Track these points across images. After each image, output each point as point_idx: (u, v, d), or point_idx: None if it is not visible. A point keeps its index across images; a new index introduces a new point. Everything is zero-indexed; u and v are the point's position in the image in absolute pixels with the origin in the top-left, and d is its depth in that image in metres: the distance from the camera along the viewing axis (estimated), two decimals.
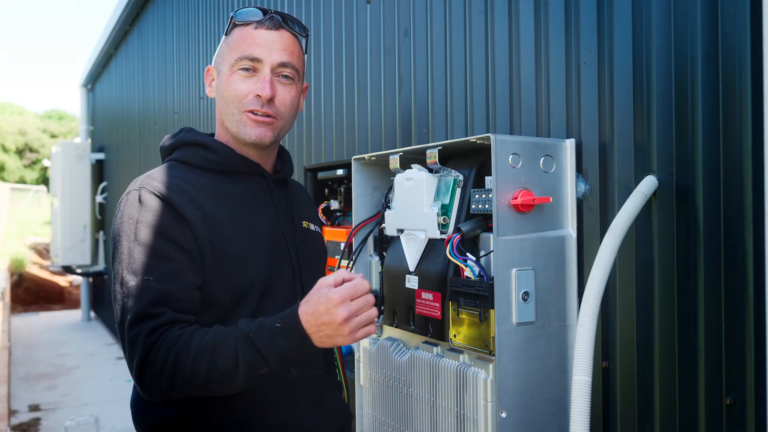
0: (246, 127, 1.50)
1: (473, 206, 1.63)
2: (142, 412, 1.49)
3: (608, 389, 1.60)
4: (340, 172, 2.69)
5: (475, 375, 1.57)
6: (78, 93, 11.41)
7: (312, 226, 1.69)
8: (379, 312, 1.97)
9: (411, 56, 2.34)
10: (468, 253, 1.61)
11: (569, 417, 1.39)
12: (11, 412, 5.51)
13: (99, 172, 10.17)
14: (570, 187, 1.62)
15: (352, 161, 2.06)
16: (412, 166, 1.80)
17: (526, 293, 1.53)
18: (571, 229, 1.62)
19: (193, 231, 1.40)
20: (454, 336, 1.64)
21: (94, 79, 10.77)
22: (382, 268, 1.95)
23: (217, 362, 1.27)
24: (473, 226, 1.63)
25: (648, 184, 1.46)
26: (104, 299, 9.65)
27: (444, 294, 1.67)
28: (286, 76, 1.52)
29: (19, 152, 38.65)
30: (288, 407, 1.50)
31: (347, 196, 2.68)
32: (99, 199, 9.78)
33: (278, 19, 1.52)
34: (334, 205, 2.78)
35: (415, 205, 1.75)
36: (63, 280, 13.99)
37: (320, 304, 1.26)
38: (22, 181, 37.34)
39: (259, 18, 1.51)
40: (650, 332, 1.49)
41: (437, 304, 1.69)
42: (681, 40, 1.42)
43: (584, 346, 1.32)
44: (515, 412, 1.52)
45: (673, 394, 1.45)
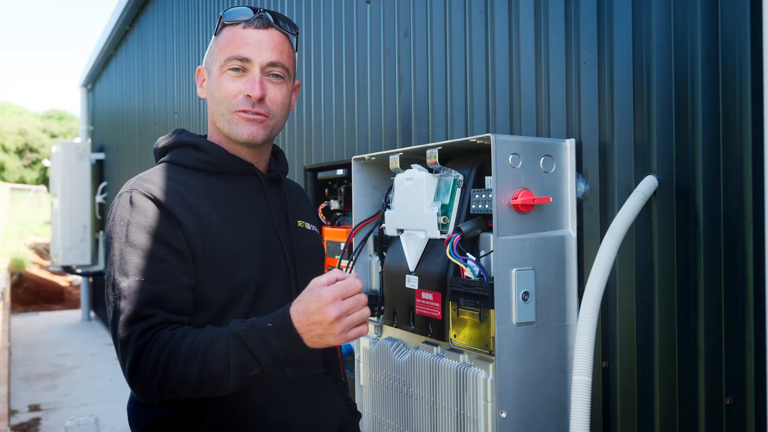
0: (238, 126, 1.49)
1: (473, 206, 1.63)
2: (138, 413, 1.49)
3: (608, 389, 1.60)
4: (340, 172, 2.69)
5: (475, 375, 1.57)
6: (78, 93, 11.40)
7: (308, 225, 1.68)
8: (378, 312, 1.98)
9: (411, 56, 2.34)
10: (468, 253, 1.61)
11: (569, 417, 1.39)
12: (11, 412, 5.51)
13: (99, 172, 10.17)
14: (570, 187, 1.62)
15: (352, 161, 2.06)
16: (412, 166, 1.80)
17: (526, 293, 1.53)
18: (571, 229, 1.62)
19: (184, 231, 1.40)
20: (454, 336, 1.64)
21: (94, 79, 10.77)
22: (382, 268, 1.95)
23: (209, 363, 1.26)
24: (473, 226, 1.63)
25: (648, 184, 1.46)
26: (104, 299, 9.63)
27: (444, 294, 1.67)
28: (276, 75, 1.51)
29: (19, 152, 38.65)
30: (284, 407, 1.49)
31: (347, 196, 2.68)
32: (99, 199, 9.79)
33: (267, 18, 1.52)
34: (334, 205, 2.79)
35: (415, 205, 1.75)
36: (63, 280, 14.00)
37: (311, 303, 1.25)
38: (22, 181, 37.34)
39: (248, 17, 1.51)
40: (650, 332, 1.49)
41: (437, 304, 1.69)
42: (681, 40, 1.42)
43: (584, 346, 1.32)
44: (515, 412, 1.51)
45: (673, 394, 1.45)
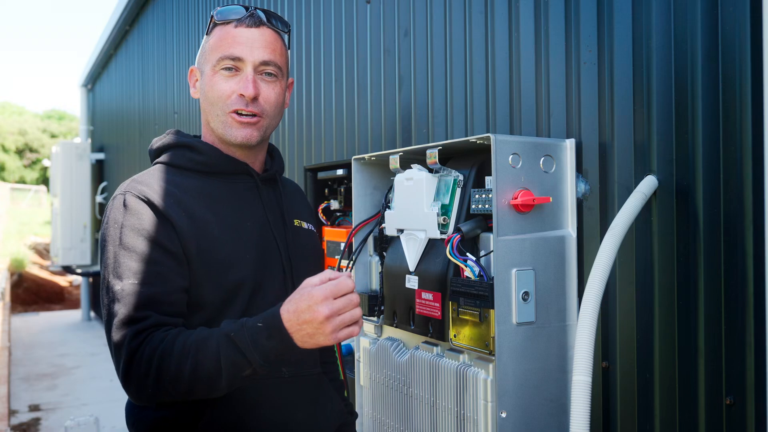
0: (231, 129, 1.49)
1: (473, 206, 1.63)
2: (135, 414, 1.50)
3: (608, 389, 1.60)
4: (340, 172, 2.69)
5: (475, 375, 1.57)
6: (78, 93, 11.40)
7: (305, 225, 1.67)
8: (378, 312, 1.98)
9: (411, 56, 2.34)
10: (468, 253, 1.61)
11: (569, 417, 1.39)
12: (11, 412, 5.51)
13: (99, 172, 10.17)
14: (570, 187, 1.62)
15: (352, 161, 2.06)
16: (412, 166, 1.80)
17: (526, 293, 1.53)
18: (571, 229, 1.62)
19: (178, 233, 1.40)
20: (454, 336, 1.64)
21: (94, 79, 10.77)
22: (382, 268, 1.95)
23: (200, 363, 1.26)
24: (473, 226, 1.63)
25: (648, 184, 1.46)
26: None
27: (444, 294, 1.67)
28: (269, 74, 1.51)
29: (19, 152, 38.64)
30: (281, 407, 1.49)
31: (347, 196, 2.68)
32: (99, 199, 9.79)
33: (259, 17, 1.51)
34: (334, 205, 2.79)
35: (415, 205, 1.75)
36: (63, 280, 14.00)
37: (302, 302, 1.25)
38: (22, 181, 37.33)
39: (239, 16, 1.51)
40: (650, 332, 1.49)
41: (437, 304, 1.69)
42: (681, 40, 1.42)
43: (584, 346, 1.32)
44: (515, 412, 1.51)
45: (673, 394, 1.45)
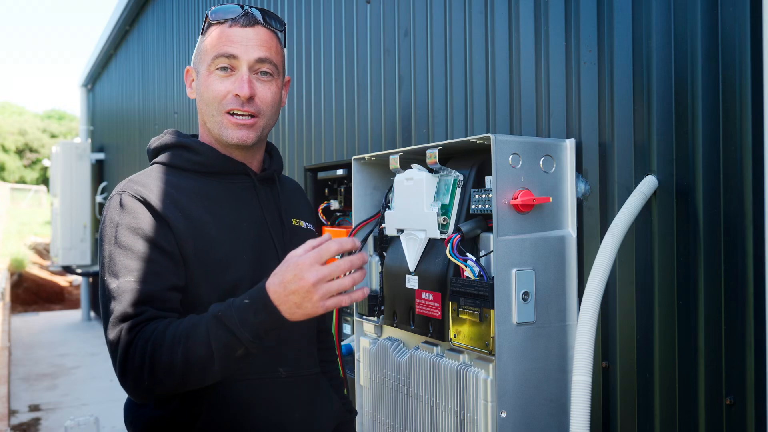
0: (228, 130, 1.49)
1: (473, 206, 1.63)
2: (133, 413, 1.50)
3: (608, 389, 1.60)
4: (340, 172, 2.69)
5: (475, 375, 1.57)
6: (78, 93, 11.40)
7: (303, 224, 1.67)
8: (378, 312, 1.98)
9: (411, 56, 2.34)
10: (468, 253, 1.61)
11: (569, 417, 1.39)
12: (11, 412, 5.51)
13: (99, 172, 10.17)
14: (570, 187, 1.62)
15: (352, 161, 2.06)
16: (412, 166, 1.80)
17: (526, 293, 1.53)
18: (571, 229, 1.62)
19: (174, 233, 1.40)
20: (454, 336, 1.64)
21: (94, 79, 10.76)
22: (382, 268, 1.95)
23: (191, 349, 1.26)
24: (473, 226, 1.63)
25: (648, 184, 1.46)
26: None
27: (444, 294, 1.67)
28: (265, 73, 1.51)
29: (19, 152, 38.64)
30: (278, 407, 1.49)
31: (347, 196, 2.68)
32: (99, 199, 9.78)
33: (253, 15, 1.51)
34: (334, 205, 2.79)
35: (415, 205, 1.75)
36: (63, 280, 14.00)
37: (288, 272, 1.24)
38: (22, 181, 37.32)
39: (233, 15, 1.50)
40: (650, 332, 1.49)
41: (437, 304, 1.69)
42: (681, 40, 1.42)
43: (584, 346, 1.32)
44: (515, 412, 1.51)
45: (673, 394, 1.45)
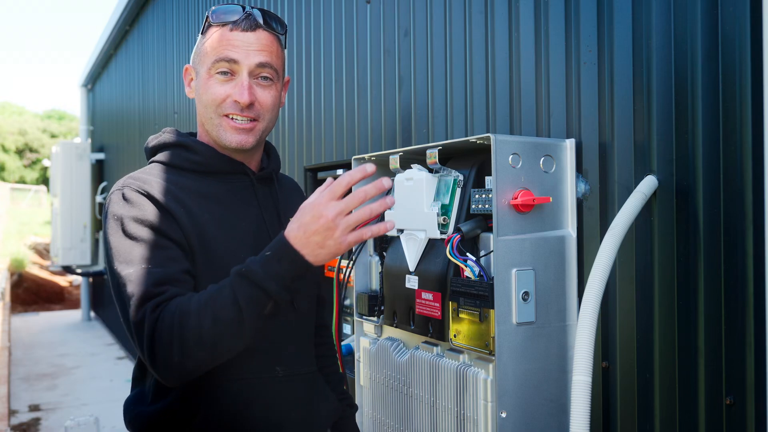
0: (226, 133, 1.49)
1: (473, 206, 1.63)
2: (132, 410, 1.50)
3: (608, 389, 1.60)
4: (340, 172, 2.69)
5: (475, 375, 1.57)
6: (78, 93, 11.40)
7: None
8: (378, 312, 1.98)
9: (411, 56, 2.34)
10: (468, 253, 1.61)
11: (569, 417, 1.39)
12: (11, 412, 5.51)
13: (99, 172, 10.17)
14: (570, 187, 1.62)
15: (352, 161, 2.06)
16: (412, 166, 1.80)
17: (526, 293, 1.53)
18: (571, 229, 1.62)
19: (179, 224, 1.40)
20: (454, 336, 1.64)
21: (94, 79, 10.76)
22: (382, 268, 1.95)
23: (219, 312, 1.25)
24: (473, 226, 1.63)
25: (648, 184, 1.46)
26: (104, 299, 9.65)
27: (444, 294, 1.67)
28: (265, 77, 1.50)
29: (19, 152, 38.63)
30: (275, 406, 1.50)
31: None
32: (99, 199, 9.78)
33: (255, 20, 1.50)
34: None
35: (415, 205, 1.75)
36: (63, 280, 14.00)
37: (305, 215, 1.25)
38: (22, 181, 37.32)
39: (235, 18, 1.49)
40: (650, 332, 1.49)
41: (437, 304, 1.69)
42: (681, 40, 1.42)
43: (584, 346, 1.32)
44: (515, 412, 1.51)
45: (673, 394, 1.45)
